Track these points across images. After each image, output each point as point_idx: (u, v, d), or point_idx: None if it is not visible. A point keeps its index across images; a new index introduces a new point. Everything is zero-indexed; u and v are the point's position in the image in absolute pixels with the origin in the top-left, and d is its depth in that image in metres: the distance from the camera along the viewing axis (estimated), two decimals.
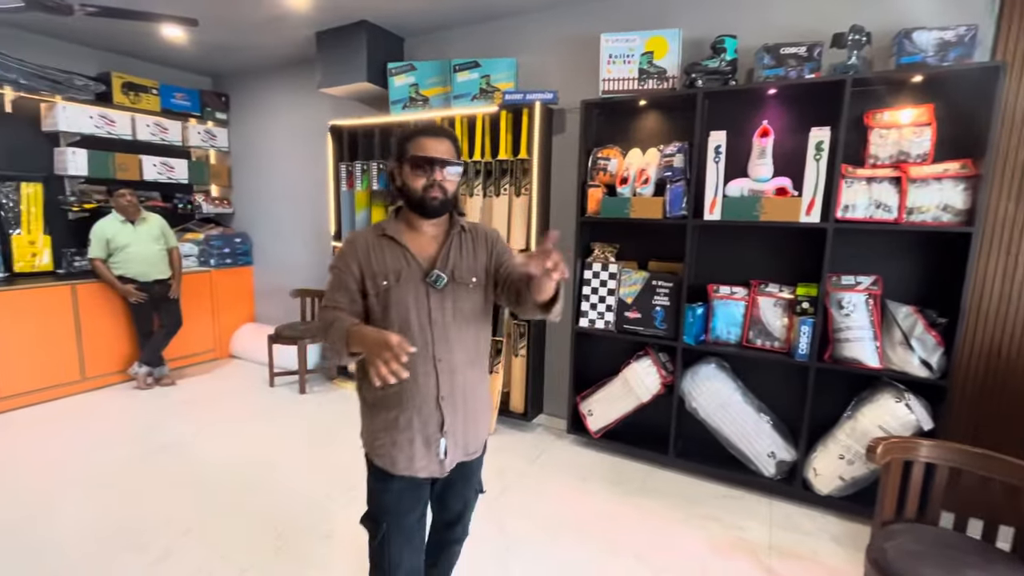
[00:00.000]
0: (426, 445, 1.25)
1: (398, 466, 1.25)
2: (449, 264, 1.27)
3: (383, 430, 1.27)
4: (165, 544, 2.02)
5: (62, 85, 3.55)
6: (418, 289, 1.25)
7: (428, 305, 1.25)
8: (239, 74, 4.48)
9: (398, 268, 1.24)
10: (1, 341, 3.18)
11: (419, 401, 1.24)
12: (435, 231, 1.31)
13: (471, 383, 1.31)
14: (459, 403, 1.28)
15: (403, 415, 1.25)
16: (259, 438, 3.00)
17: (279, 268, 4.55)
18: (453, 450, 1.28)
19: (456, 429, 1.27)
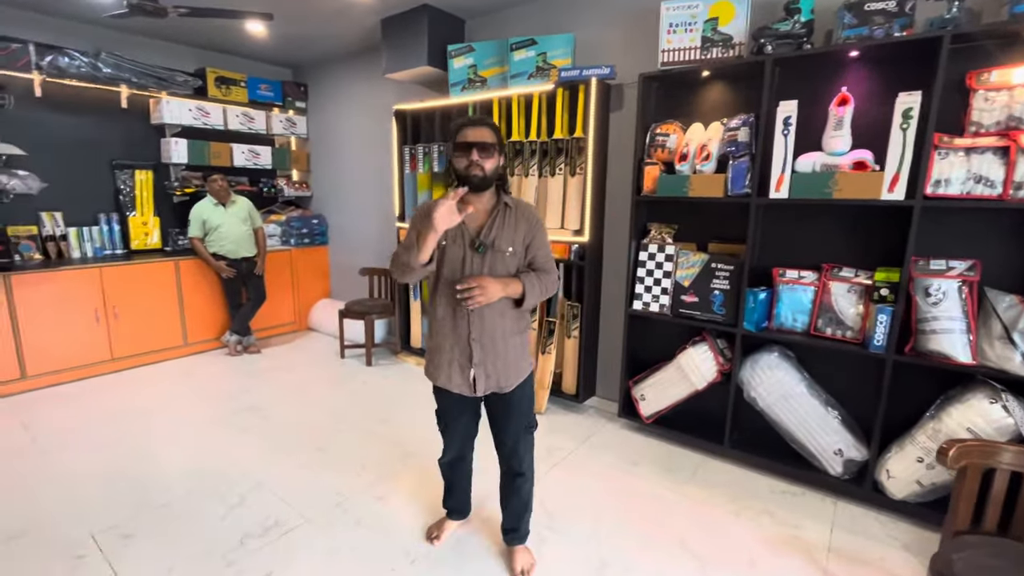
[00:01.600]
0: (461, 370, 1.64)
1: (439, 381, 1.69)
2: (492, 234, 1.60)
3: (432, 353, 1.71)
4: (240, 492, 2.27)
5: (166, 81, 3.96)
6: (465, 251, 1.60)
7: (471, 264, 1.59)
8: (316, 64, 4.75)
9: (453, 233, 1.59)
10: (122, 309, 3.67)
11: (455, 338, 1.63)
12: (483, 205, 1.63)
13: (500, 331, 1.63)
14: (487, 344, 1.62)
15: (444, 345, 1.65)
16: (327, 404, 3.25)
17: (350, 247, 4.83)
18: (483, 380, 1.64)
19: (486, 363, 1.63)
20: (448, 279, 1.60)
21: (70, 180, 3.75)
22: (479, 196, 1.59)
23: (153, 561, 1.85)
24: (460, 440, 1.84)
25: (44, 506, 2.15)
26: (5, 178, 3.35)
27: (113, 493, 2.25)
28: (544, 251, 1.68)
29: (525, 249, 1.64)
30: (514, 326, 1.66)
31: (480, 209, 1.61)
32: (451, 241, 1.59)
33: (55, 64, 3.44)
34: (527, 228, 1.64)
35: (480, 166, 1.52)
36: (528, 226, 1.64)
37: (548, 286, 1.66)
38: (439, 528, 2.01)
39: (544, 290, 1.64)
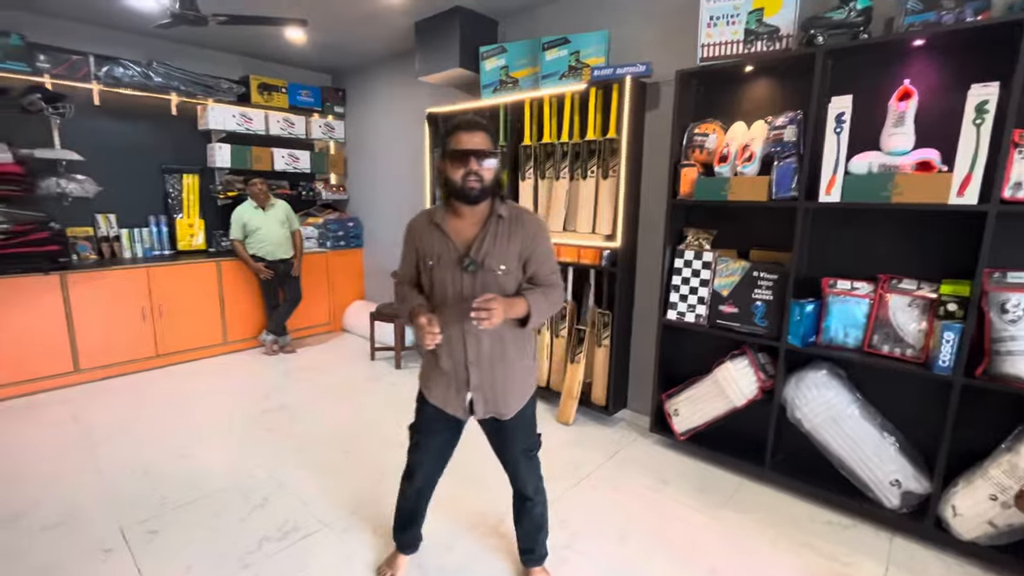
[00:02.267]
0: (456, 392, 1.54)
1: (433, 396, 1.58)
2: (482, 252, 1.43)
3: (429, 371, 1.59)
4: (263, 494, 2.28)
5: (212, 89, 4.11)
6: (454, 271, 1.44)
7: (461, 284, 1.45)
8: (353, 70, 4.82)
9: (440, 251, 1.45)
10: (167, 308, 3.82)
11: (453, 360, 1.51)
12: (475, 218, 1.46)
13: (499, 355, 1.50)
14: (485, 368, 1.50)
15: (442, 366, 1.53)
16: (354, 407, 3.26)
17: (384, 250, 4.87)
18: (481, 404, 1.53)
19: (483, 388, 1.52)
20: (439, 301, 1.47)
21: (123, 184, 3.94)
22: (472, 207, 1.42)
23: (174, 559, 1.88)
24: (433, 461, 1.66)
25: (80, 498, 2.23)
26: (65, 182, 3.55)
27: (145, 487, 2.31)
28: (547, 265, 1.50)
29: (523, 265, 1.46)
30: (515, 349, 1.52)
31: (472, 221, 1.45)
32: (437, 261, 1.45)
33: (111, 74, 3.62)
34: (523, 241, 1.44)
35: (479, 177, 1.36)
36: (524, 239, 1.44)
37: (555, 302, 1.51)
38: (392, 566, 1.79)
39: (551, 306, 1.49)
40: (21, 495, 2.25)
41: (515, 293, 1.46)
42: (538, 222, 1.51)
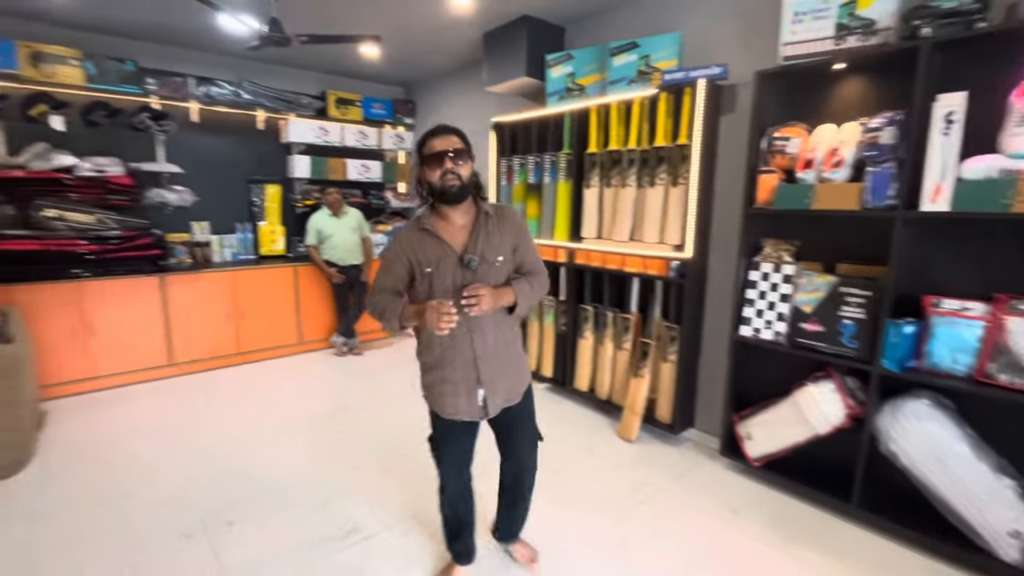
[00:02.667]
0: (468, 395, 1.56)
1: (445, 411, 1.60)
2: (479, 248, 1.51)
3: (433, 384, 1.60)
4: (326, 494, 2.36)
5: (294, 104, 4.39)
6: (455, 270, 1.50)
7: (463, 282, 1.49)
8: (423, 82, 4.98)
9: (438, 256, 1.50)
10: (248, 308, 4.09)
11: (460, 362, 1.54)
12: (464, 220, 1.55)
13: (503, 343, 1.58)
14: (492, 360, 1.55)
15: (447, 374, 1.55)
16: (415, 411, 3.30)
17: None
18: (493, 398, 1.57)
19: (494, 380, 1.56)
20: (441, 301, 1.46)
21: (215, 194, 4.28)
22: (456, 209, 1.52)
23: (245, 551, 1.97)
24: (461, 466, 1.72)
25: (166, 486, 2.42)
26: (166, 193, 3.91)
27: (223, 479, 2.47)
28: (532, 254, 1.64)
29: (513, 255, 1.58)
30: (511, 335, 1.63)
31: (460, 224, 1.54)
32: (436, 267, 1.49)
33: (208, 93, 3.96)
34: (513, 234, 1.58)
35: (456, 175, 1.45)
36: (513, 232, 1.58)
37: (541, 288, 1.62)
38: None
39: (536, 293, 1.60)
40: (122, 478, 2.47)
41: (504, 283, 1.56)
42: (518, 214, 1.64)
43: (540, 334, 3.66)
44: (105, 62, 3.52)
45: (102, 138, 3.70)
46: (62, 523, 2.12)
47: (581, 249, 3.20)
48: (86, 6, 3.13)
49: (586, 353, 3.30)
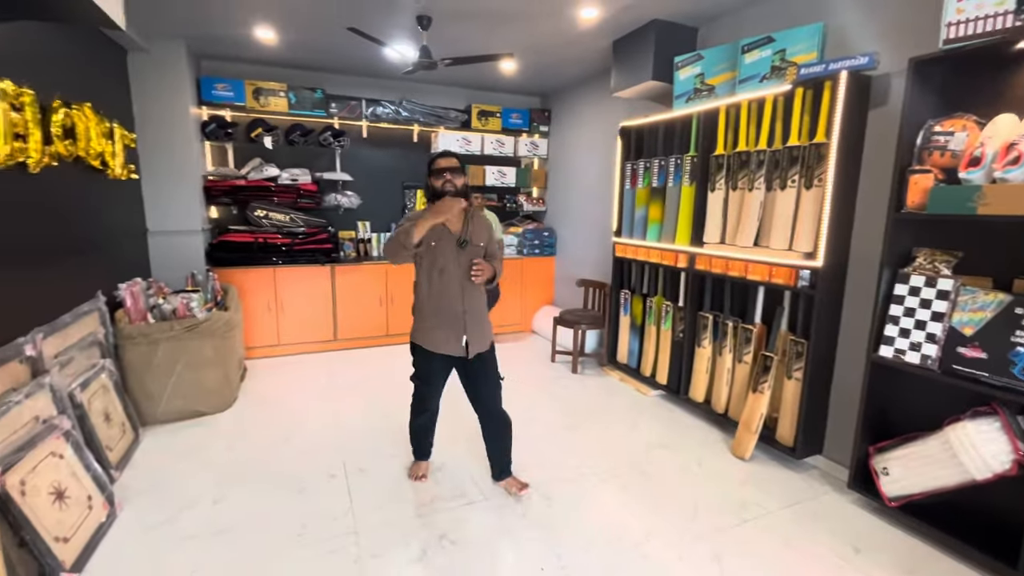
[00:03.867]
0: (455, 338, 2.18)
1: (438, 348, 2.20)
2: (468, 233, 2.16)
3: (429, 328, 2.22)
4: (443, 460, 2.67)
5: (443, 118, 4.93)
6: (451, 247, 2.15)
7: (457, 257, 2.16)
8: (558, 91, 5.19)
9: (439, 233, 2.14)
10: (397, 297, 4.71)
11: (450, 314, 2.18)
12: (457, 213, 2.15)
13: (476, 305, 2.23)
14: (470, 315, 2.19)
15: (439, 319, 2.19)
16: (527, 400, 3.52)
17: (573, 259, 5.10)
18: (472, 343, 2.20)
19: (472, 330, 2.20)
20: (439, 268, 2.15)
21: (376, 197, 5.01)
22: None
23: (372, 495, 2.36)
24: (434, 397, 2.39)
25: (321, 434, 2.96)
26: (340, 197, 4.70)
27: (362, 435, 2.94)
28: (495, 245, 2.31)
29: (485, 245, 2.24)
30: (482, 301, 2.26)
31: (455, 216, 2.17)
32: (438, 240, 2.14)
33: (374, 112, 4.66)
34: (488, 230, 2.28)
35: (452, 183, 2.15)
36: (489, 229, 2.29)
37: (500, 272, 2.30)
38: (419, 470, 2.52)
39: (498, 275, 2.29)
40: (287, 424, 3.09)
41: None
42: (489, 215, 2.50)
43: (656, 339, 3.60)
44: (302, 92, 4.37)
45: (297, 153, 4.61)
46: (247, 452, 2.75)
47: (702, 254, 3.10)
48: (291, 50, 3.94)
49: (703, 363, 3.18)
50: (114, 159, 3.05)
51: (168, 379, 3.04)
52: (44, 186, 2.32)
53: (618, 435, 3.02)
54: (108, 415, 2.58)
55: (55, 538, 1.82)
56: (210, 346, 3.14)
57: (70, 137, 2.52)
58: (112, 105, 3.18)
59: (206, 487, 2.40)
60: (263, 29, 3.48)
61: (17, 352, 2.01)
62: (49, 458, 1.94)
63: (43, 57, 2.40)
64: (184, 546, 2.01)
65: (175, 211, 3.87)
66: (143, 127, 3.68)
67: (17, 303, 2.12)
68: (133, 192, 3.60)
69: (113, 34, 3.23)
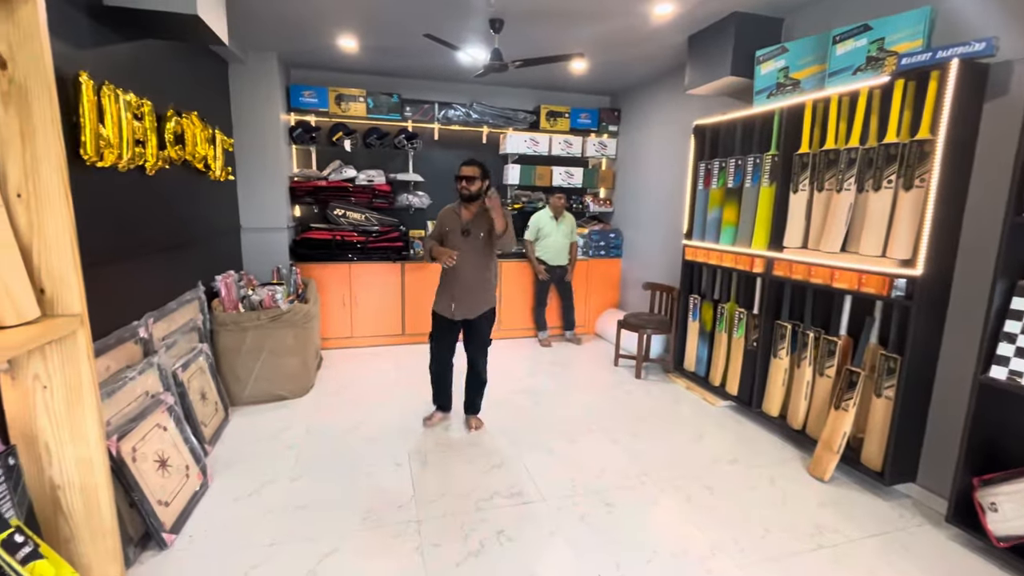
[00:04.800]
0: (449, 304, 2.83)
1: (440, 311, 2.89)
2: (472, 225, 2.77)
3: (438, 296, 2.92)
4: (503, 457, 2.70)
5: (511, 120, 4.98)
6: (458, 236, 2.79)
7: (461, 243, 2.78)
8: (628, 89, 5.08)
9: (454, 225, 2.82)
10: None
11: (459, 285, 2.80)
12: (471, 212, 2.82)
13: (469, 282, 2.81)
14: (463, 289, 2.81)
15: (443, 289, 2.89)
16: (588, 404, 3.48)
17: (640, 261, 4.98)
18: (459, 308, 2.82)
19: (461, 300, 2.81)
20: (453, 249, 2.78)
21: (445, 198, 5.13)
22: (469, 205, 2.81)
23: (434, 486, 2.43)
24: (445, 351, 2.96)
25: (387, 423, 3.09)
26: (411, 197, 4.89)
27: (423, 427, 3.04)
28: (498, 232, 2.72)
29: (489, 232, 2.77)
30: (480, 279, 2.83)
31: (469, 212, 2.81)
32: (451, 231, 2.82)
33: (446, 115, 4.80)
34: (488, 222, 2.74)
35: (467, 188, 2.73)
36: (488, 221, 2.74)
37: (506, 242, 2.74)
38: (432, 417, 3.09)
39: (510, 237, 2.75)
40: (358, 412, 3.25)
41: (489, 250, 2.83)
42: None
43: (728, 348, 3.44)
44: (379, 96, 4.59)
45: (374, 155, 4.84)
46: (321, 436, 2.93)
47: (782, 259, 2.92)
48: (370, 56, 4.15)
49: (779, 375, 2.99)
50: (215, 162, 3.36)
51: (254, 364, 3.30)
52: (157, 186, 2.60)
53: (683, 445, 2.91)
54: (204, 394, 2.84)
55: (158, 501, 2.03)
56: (291, 335, 3.38)
57: (180, 143, 2.80)
58: (214, 113, 3.51)
59: (285, 465, 2.59)
60: (346, 39, 3.69)
61: (132, 334, 2.26)
62: (155, 429, 2.18)
63: (159, 71, 2.69)
64: (265, 518, 2.17)
65: (265, 209, 4.20)
66: (239, 132, 4.02)
67: (134, 290, 2.40)
68: (230, 192, 3.95)
69: (217, 48, 3.56)
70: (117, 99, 2.11)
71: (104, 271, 2.11)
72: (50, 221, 1.46)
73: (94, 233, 2.04)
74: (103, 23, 2.11)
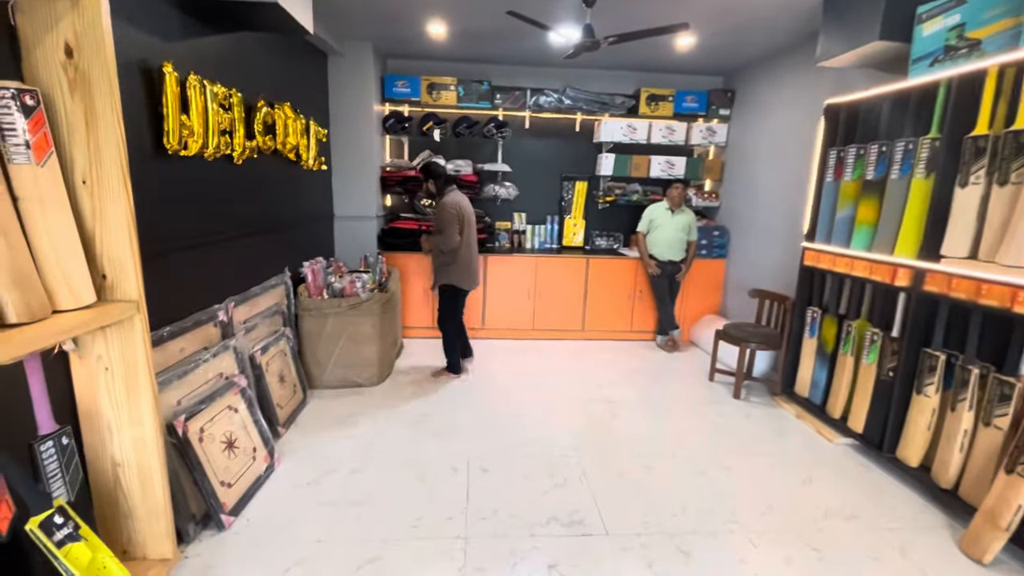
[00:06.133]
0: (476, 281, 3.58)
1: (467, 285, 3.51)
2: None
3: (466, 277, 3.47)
4: (566, 476, 2.45)
5: (607, 105, 4.62)
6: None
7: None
8: (744, 67, 4.45)
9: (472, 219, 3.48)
10: (545, 291, 4.60)
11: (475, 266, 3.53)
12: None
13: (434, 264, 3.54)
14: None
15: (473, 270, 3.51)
16: (673, 423, 3.08)
17: (748, 263, 4.38)
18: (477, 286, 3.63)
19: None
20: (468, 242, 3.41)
21: (533, 189, 4.95)
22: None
23: (489, 500, 2.25)
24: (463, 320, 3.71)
25: (457, 423, 2.98)
26: (498, 188, 4.74)
27: (488, 432, 2.87)
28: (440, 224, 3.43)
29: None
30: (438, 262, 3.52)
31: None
32: (467, 225, 3.38)
33: (537, 102, 4.56)
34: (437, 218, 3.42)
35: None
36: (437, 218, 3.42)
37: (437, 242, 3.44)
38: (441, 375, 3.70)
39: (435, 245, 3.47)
40: (427, 406, 3.19)
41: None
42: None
43: (853, 374, 2.84)
44: (470, 84, 4.48)
45: (463, 145, 4.76)
46: (387, 428, 2.89)
47: (937, 271, 2.30)
48: (460, 42, 4.02)
49: (924, 416, 2.39)
50: (307, 152, 3.47)
51: (334, 349, 3.37)
52: (245, 175, 2.69)
53: (787, 488, 2.44)
54: (283, 376, 2.94)
55: (221, 482, 2.08)
56: (369, 323, 3.40)
57: (270, 133, 2.89)
58: (309, 104, 3.62)
59: (348, 456, 2.58)
60: (435, 24, 3.60)
61: (212, 317, 2.36)
62: (226, 411, 2.25)
63: (250, 62, 2.77)
64: (320, 511, 2.15)
65: (357, 198, 4.31)
66: (335, 123, 4.14)
67: (217, 275, 2.50)
68: (323, 181, 4.08)
69: (315, 40, 3.66)
70: (203, 90, 2.18)
71: (185, 256, 2.20)
72: (111, 209, 1.48)
73: (175, 220, 2.13)
74: (189, 14, 2.18)
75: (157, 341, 1.96)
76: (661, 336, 4.60)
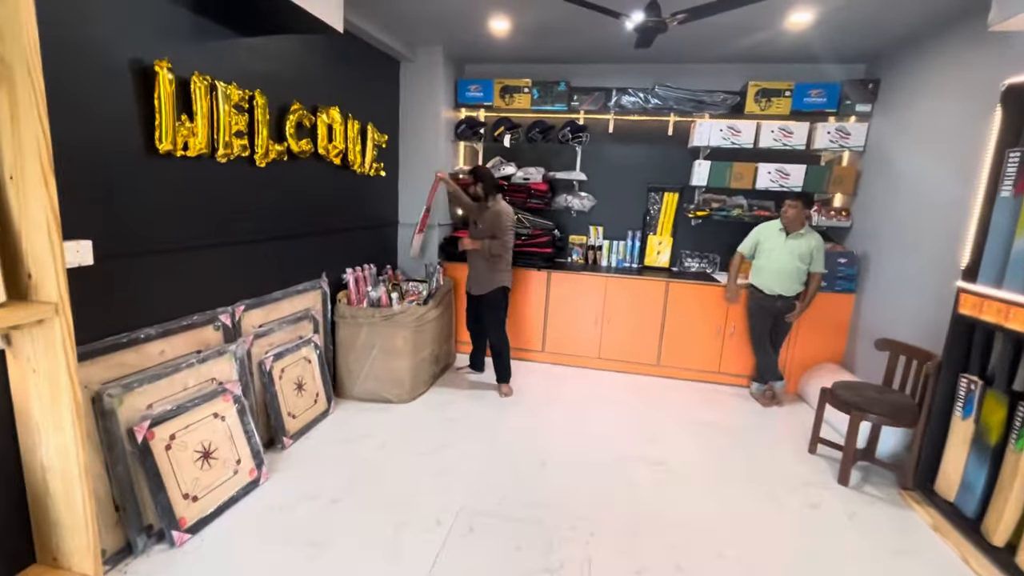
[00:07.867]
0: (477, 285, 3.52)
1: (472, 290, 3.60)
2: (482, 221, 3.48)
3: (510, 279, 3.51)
4: (563, 557, 1.94)
5: (704, 104, 3.92)
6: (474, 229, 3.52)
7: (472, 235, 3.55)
8: (891, 50, 3.43)
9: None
10: (616, 317, 4.03)
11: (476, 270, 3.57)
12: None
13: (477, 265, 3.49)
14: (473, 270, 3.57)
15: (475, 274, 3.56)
16: (745, 510, 2.36)
17: (882, 304, 3.36)
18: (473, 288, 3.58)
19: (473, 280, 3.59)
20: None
21: (614, 200, 4.40)
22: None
23: (461, 563, 1.86)
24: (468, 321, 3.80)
25: (467, 462, 2.62)
26: (572, 198, 4.30)
27: (497, 481, 2.47)
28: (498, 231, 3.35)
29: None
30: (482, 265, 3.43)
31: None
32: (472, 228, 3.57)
33: (619, 103, 4.04)
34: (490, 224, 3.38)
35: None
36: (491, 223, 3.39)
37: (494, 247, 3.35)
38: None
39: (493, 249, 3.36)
40: (440, 436, 2.88)
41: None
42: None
43: None
44: (545, 86, 4.12)
45: (539, 151, 4.41)
46: (387, 456, 2.64)
47: None
48: (531, 41, 3.68)
49: None
50: (360, 156, 3.41)
51: (365, 360, 3.25)
52: (270, 178, 2.62)
53: None
54: (302, 384, 2.86)
55: (185, 494, 1.99)
56: (401, 337, 3.21)
57: (308, 136, 2.85)
58: (368, 108, 3.56)
59: (335, 483, 2.38)
60: (497, 20, 3.31)
61: (212, 319, 2.32)
62: (209, 418, 2.17)
63: (280, 64, 2.67)
64: (271, 547, 1.96)
65: (419, 205, 4.18)
66: (404, 128, 4.08)
67: (225, 277, 2.44)
68: (381, 187, 3.93)
69: (383, 46, 3.60)
70: (212, 90, 2.14)
71: (175, 258, 2.14)
72: (34, 206, 1.42)
73: (166, 221, 2.09)
74: (200, 14, 2.15)
75: (131, 343, 1.93)
76: (757, 384, 3.72)
